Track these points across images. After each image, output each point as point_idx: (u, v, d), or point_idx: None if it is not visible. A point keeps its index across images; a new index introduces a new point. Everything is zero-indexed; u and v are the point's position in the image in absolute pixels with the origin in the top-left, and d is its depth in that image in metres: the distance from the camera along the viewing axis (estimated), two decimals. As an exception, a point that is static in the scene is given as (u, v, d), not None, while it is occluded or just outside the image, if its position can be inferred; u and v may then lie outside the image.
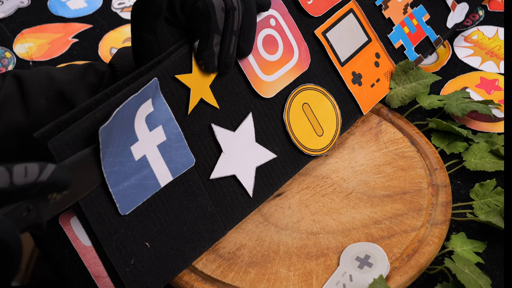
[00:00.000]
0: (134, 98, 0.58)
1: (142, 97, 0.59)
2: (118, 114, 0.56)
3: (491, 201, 0.70)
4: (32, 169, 0.48)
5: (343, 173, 0.75)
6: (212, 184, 0.68)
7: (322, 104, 0.77)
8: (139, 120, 0.60)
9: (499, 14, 1.01)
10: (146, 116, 0.60)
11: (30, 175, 0.48)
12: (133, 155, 0.59)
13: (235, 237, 0.69)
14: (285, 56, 0.74)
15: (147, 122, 0.60)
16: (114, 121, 0.56)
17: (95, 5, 1.16)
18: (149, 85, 0.60)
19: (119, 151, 0.58)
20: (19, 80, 0.71)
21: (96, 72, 0.73)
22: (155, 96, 0.61)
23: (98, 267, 0.61)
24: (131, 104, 0.58)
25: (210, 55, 0.65)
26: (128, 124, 0.59)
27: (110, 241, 0.59)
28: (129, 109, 0.58)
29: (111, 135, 0.56)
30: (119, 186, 0.59)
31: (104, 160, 0.57)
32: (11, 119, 0.69)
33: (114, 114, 0.56)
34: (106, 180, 0.58)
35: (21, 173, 0.48)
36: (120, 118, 0.57)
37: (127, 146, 0.59)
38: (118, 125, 0.57)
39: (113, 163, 0.58)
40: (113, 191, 0.58)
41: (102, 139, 0.55)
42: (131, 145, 0.59)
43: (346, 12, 0.81)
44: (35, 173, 0.48)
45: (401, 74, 0.83)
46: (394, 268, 0.64)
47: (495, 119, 0.82)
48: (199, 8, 0.63)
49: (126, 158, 0.59)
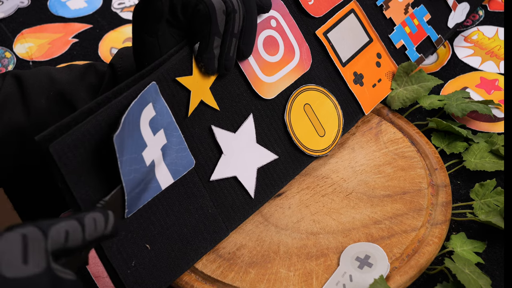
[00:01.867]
0: (136, 104, 0.58)
1: (142, 102, 0.59)
2: (125, 121, 0.56)
3: (491, 201, 0.71)
4: (100, 222, 0.48)
5: (343, 173, 0.75)
6: (212, 186, 0.68)
7: (323, 104, 0.77)
8: (144, 125, 0.59)
9: (499, 14, 1.01)
10: (149, 121, 0.60)
11: (98, 229, 0.48)
12: (144, 161, 0.59)
13: (235, 237, 0.69)
14: (286, 57, 0.74)
15: (151, 127, 0.60)
16: (124, 128, 0.56)
17: (95, 5, 1.16)
18: (148, 90, 0.60)
19: (133, 158, 0.57)
20: (19, 80, 0.71)
21: (96, 72, 0.73)
22: (156, 100, 0.61)
23: (98, 267, 0.61)
24: (135, 110, 0.58)
25: (210, 57, 0.65)
26: (135, 130, 0.58)
27: (111, 243, 0.59)
28: (134, 115, 0.58)
29: (123, 142, 0.56)
30: (132, 193, 0.58)
31: (122, 169, 0.56)
32: (11, 120, 0.69)
33: (122, 121, 0.55)
34: (124, 189, 0.57)
35: (91, 228, 0.47)
36: (127, 124, 0.57)
37: (139, 153, 0.58)
38: (127, 132, 0.57)
39: (130, 172, 0.57)
40: (127, 198, 0.58)
41: (117, 147, 0.55)
42: (142, 151, 0.59)
43: (347, 13, 0.81)
44: (102, 226, 0.48)
45: (403, 76, 0.83)
46: (394, 268, 0.64)
47: (495, 119, 0.82)
48: (201, 10, 0.63)
49: (139, 164, 0.58)
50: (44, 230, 0.44)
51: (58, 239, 0.45)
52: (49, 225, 0.45)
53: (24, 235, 0.44)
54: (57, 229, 0.45)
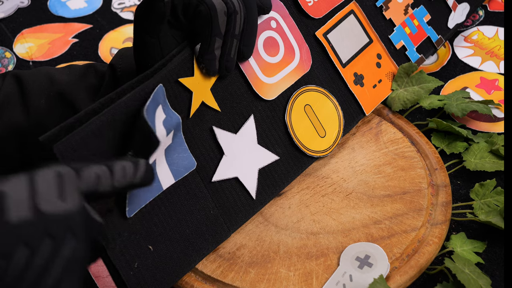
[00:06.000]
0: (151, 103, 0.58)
1: (155, 102, 0.59)
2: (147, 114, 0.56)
3: (491, 201, 0.71)
4: (129, 169, 0.49)
5: (343, 173, 0.75)
6: (214, 187, 0.68)
7: (324, 105, 0.77)
8: (159, 124, 0.59)
9: (499, 14, 1.01)
10: (162, 121, 0.60)
11: (127, 176, 0.48)
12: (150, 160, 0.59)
13: (235, 237, 0.69)
14: (286, 58, 0.74)
15: (165, 127, 0.60)
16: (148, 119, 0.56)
17: (95, 5, 1.16)
18: (157, 91, 0.60)
19: None
20: (19, 81, 0.71)
21: (96, 72, 0.73)
22: (164, 103, 0.61)
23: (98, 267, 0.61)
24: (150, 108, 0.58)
25: (211, 58, 0.65)
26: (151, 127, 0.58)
27: (114, 244, 0.59)
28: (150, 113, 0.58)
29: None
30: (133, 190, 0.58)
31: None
32: (11, 120, 0.69)
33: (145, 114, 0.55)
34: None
35: (120, 174, 0.48)
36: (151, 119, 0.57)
37: None
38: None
39: None
40: (128, 195, 0.58)
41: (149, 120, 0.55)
42: None
43: (347, 14, 0.81)
44: (131, 174, 0.49)
45: (404, 77, 0.83)
46: (394, 268, 0.64)
47: (495, 119, 0.82)
48: (202, 12, 0.63)
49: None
50: (78, 171, 0.45)
51: (90, 181, 0.46)
52: (82, 167, 0.46)
53: (59, 173, 0.45)
54: (89, 171, 0.46)
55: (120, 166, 0.48)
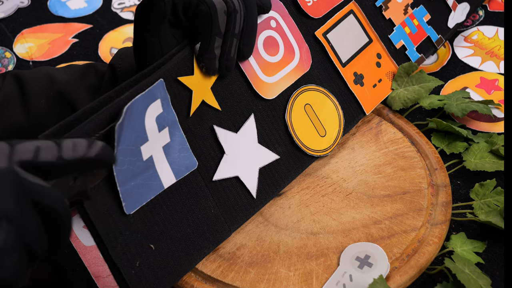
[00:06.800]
0: (142, 97, 0.58)
1: (150, 97, 0.59)
2: (127, 112, 0.56)
3: (491, 201, 0.71)
4: (81, 145, 0.49)
5: (343, 173, 0.75)
6: (215, 186, 0.68)
7: (324, 105, 0.77)
8: (150, 120, 0.59)
9: (499, 14, 1.01)
10: (156, 117, 0.60)
11: (78, 150, 0.49)
12: (142, 155, 0.59)
13: (235, 237, 0.69)
14: (286, 57, 0.74)
15: (157, 123, 0.60)
16: (125, 119, 0.56)
17: (95, 5, 1.16)
18: (156, 86, 0.60)
19: (129, 150, 0.58)
20: (19, 80, 0.71)
21: (96, 72, 0.73)
22: (164, 98, 0.61)
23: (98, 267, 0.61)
24: (139, 103, 0.58)
25: (211, 57, 0.65)
26: (138, 123, 0.58)
27: (115, 243, 0.59)
28: (138, 107, 0.58)
29: (122, 132, 0.56)
30: (126, 185, 0.59)
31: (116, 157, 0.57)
32: (11, 119, 0.69)
33: (124, 111, 0.56)
34: (115, 178, 0.57)
35: (69, 148, 0.48)
36: (129, 116, 0.57)
37: (138, 146, 0.59)
38: (128, 123, 0.57)
39: (123, 162, 0.57)
40: (120, 189, 0.58)
41: (117, 136, 0.56)
42: (141, 145, 0.59)
43: (347, 13, 0.81)
44: (83, 149, 0.49)
45: (404, 76, 0.83)
46: (394, 268, 0.64)
47: (495, 119, 0.82)
48: (202, 11, 0.63)
49: (135, 157, 0.59)
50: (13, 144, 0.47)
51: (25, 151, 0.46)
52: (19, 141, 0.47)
53: None
54: (25, 144, 0.47)
55: (70, 142, 0.49)
